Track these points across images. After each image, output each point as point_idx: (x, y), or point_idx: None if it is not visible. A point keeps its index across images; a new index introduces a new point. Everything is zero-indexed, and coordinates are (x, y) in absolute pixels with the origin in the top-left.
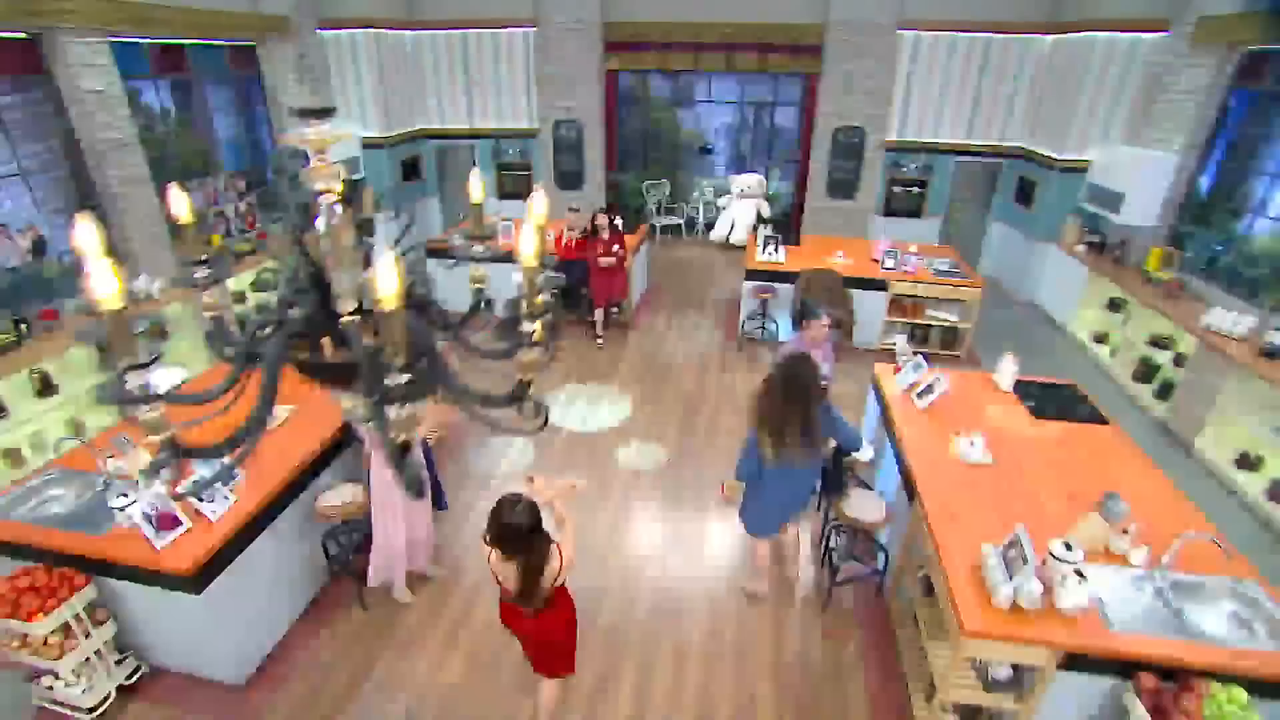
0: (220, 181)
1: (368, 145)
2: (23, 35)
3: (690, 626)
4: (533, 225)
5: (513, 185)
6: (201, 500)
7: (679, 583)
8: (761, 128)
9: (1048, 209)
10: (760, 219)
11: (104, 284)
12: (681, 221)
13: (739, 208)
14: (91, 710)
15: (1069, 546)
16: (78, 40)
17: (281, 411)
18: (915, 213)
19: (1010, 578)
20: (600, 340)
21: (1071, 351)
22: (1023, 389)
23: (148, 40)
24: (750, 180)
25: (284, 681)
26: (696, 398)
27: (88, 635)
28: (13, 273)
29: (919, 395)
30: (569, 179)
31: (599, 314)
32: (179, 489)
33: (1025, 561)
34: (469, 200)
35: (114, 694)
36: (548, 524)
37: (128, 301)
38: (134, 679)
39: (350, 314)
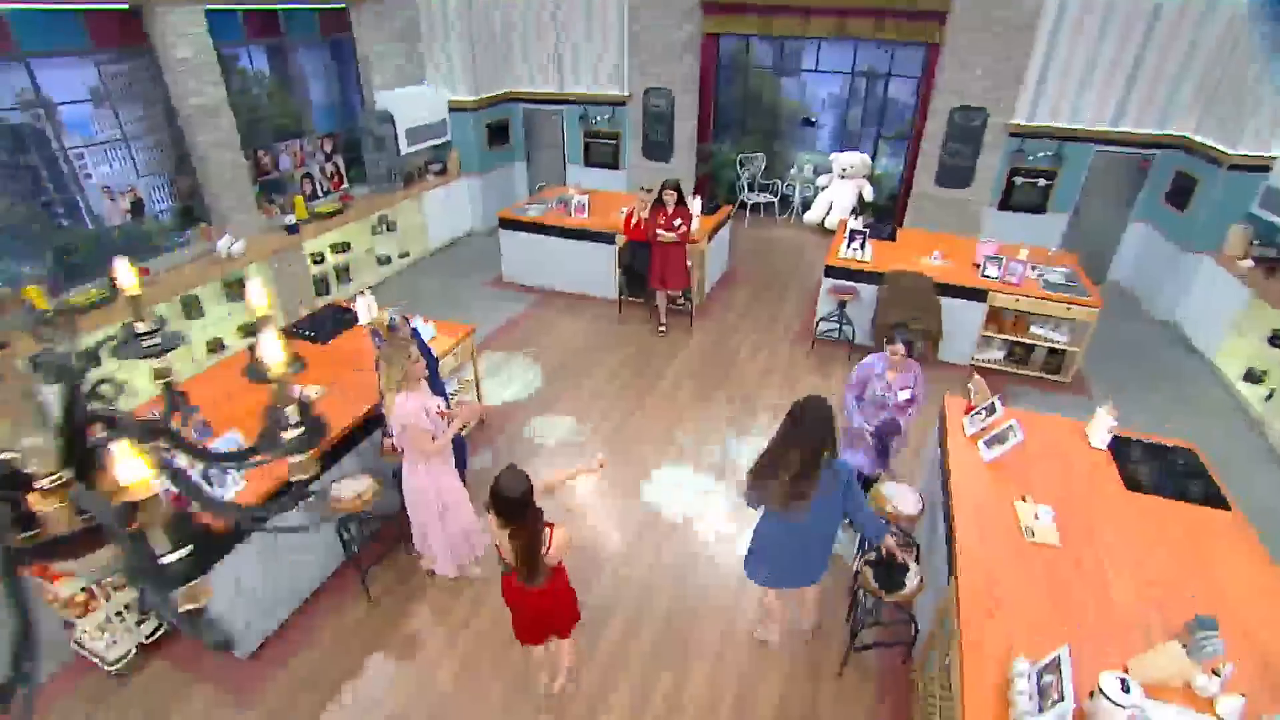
0: (308, 143)
1: (454, 109)
2: (125, 7)
3: (694, 668)
4: (271, 331)
5: (599, 155)
6: (211, 484)
7: (690, 620)
8: (872, 100)
9: (1208, 213)
10: (861, 203)
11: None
12: (775, 199)
13: (839, 189)
14: (114, 663)
15: (1126, 686)
16: (174, 9)
17: (312, 392)
18: (1038, 208)
19: (1040, 710)
20: (663, 328)
21: (1210, 387)
22: (1121, 448)
23: (242, 7)
24: (854, 159)
25: (285, 661)
26: (752, 403)
27: (108, 598)
28: (114, 231)
29: (987, 444)
30: (657, 150)
31: (660, 299)
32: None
33: (1061, 698)
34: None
35: (135, 650)
36: (551, 506)
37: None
38: (154, 638)
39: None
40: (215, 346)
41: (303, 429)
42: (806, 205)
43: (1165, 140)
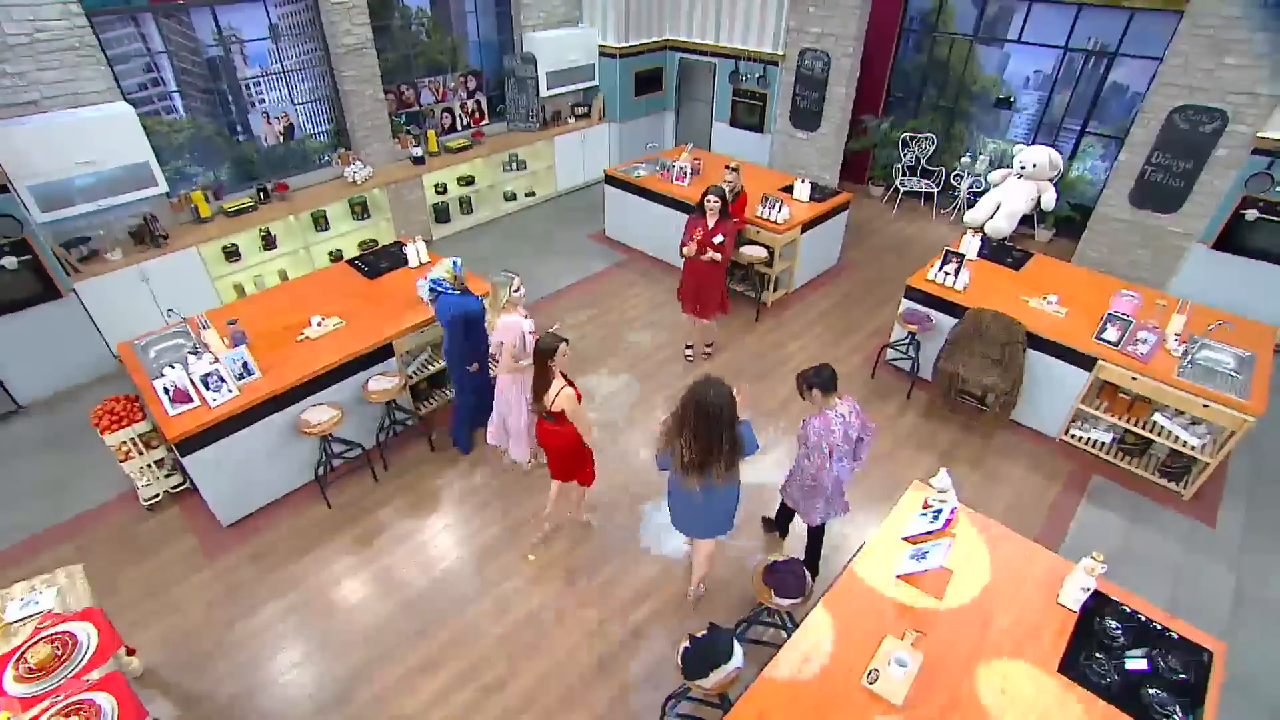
0: (451, 79)
1: (604, 54)
2: None
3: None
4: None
5: (745, 115)
6: (209, 388)
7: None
8: (1089, 83)
9: None
10: (1039, 210)
11: None
12: (935, 190)
13: (1012, 189)
14: (148, 500)
15: None
16: None
17: (330, 324)
18: (1277, 255)
19: None
20: (689, 354)
21: None
22: (1100, 616)
23: None
24: (1038, 156)
25: (250, 537)
26: (765, 423)
27: (141, 453)
28: (273, 150)
29: (911, 554)
30: (805, 118)
31: (696, 335)
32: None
33: None
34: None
35: (163, 495)
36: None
37: None
38: (178, 490)
39: None
40: (335, 256)
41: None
42: (974, 201)
43: None
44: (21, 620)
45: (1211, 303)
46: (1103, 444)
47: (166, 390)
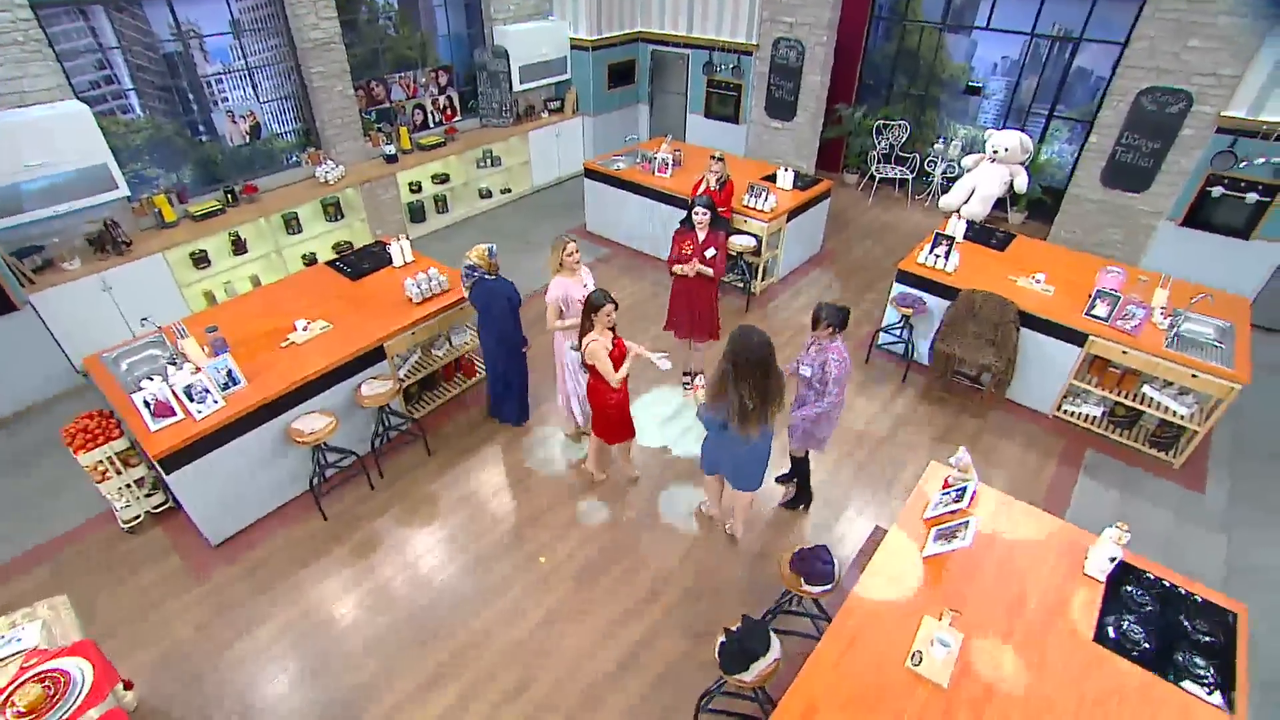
0: (422, 75)
1: (576, 47)
2: None
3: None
4: None
5: (720, 106)
6: (192, 399)
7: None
8: (1055, 68)
9: None
10: (1011, 193)
11: None
12: (910, 176)
13: (985, 173)
14: (127, 522)
15: None
16: None
17: (316, 327)
18: (1241, 231)
19: None
20: (687, 381)
21: None
22: (1126, 584)
23: None
24: (1010, 140)
25: (240, 554)
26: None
27: (119, 472)
28: (238, 150)
29: (936, 536)
30: (780, 108)
31: (695, 359)
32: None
33: None
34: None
35: (144, 516)
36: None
37: None
38: (160, 509)
39: None
40: (310, 260)
41: None
42: (948, 187)
43: None
44: (4, 659)
45: (1181, 278)
46: (1094, 418)
47: (147, 404)
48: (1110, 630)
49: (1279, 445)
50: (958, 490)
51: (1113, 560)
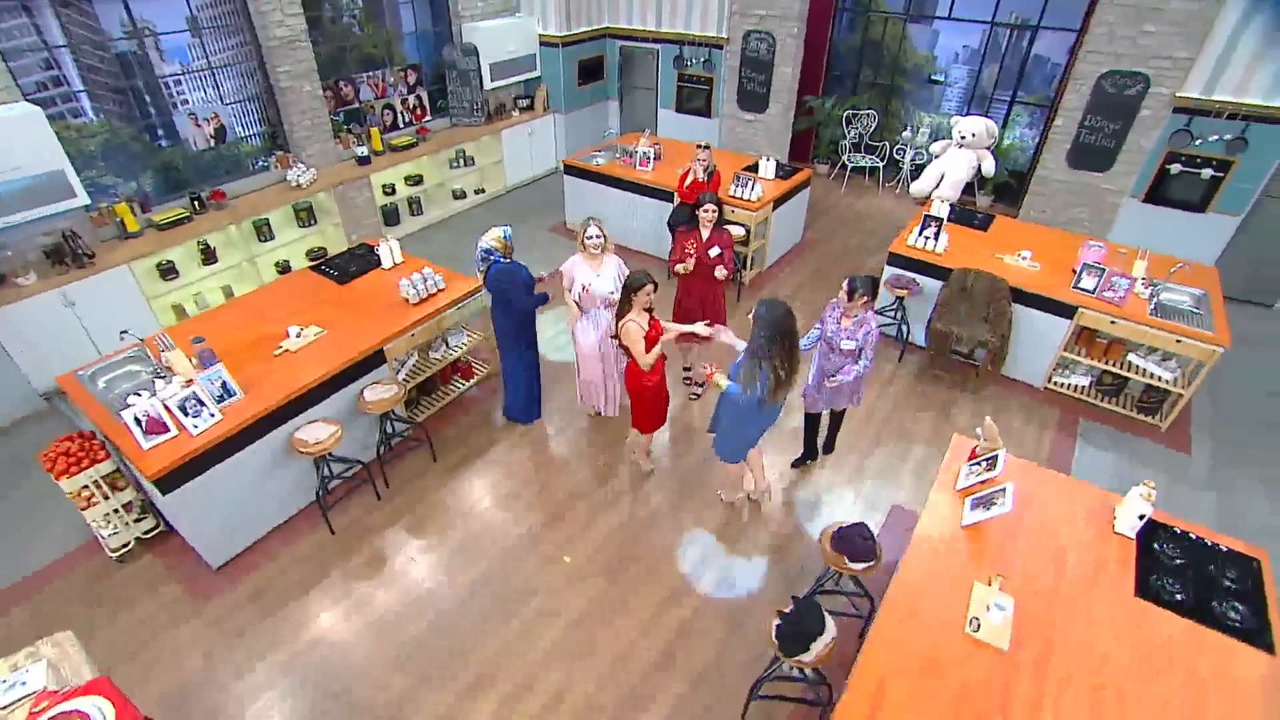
0: (390, 74)
1: (545, 43)
2: None
3: (585, 674)
4: None
5: (692, 100)
6: (187, 414)
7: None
8: (1015, 57)
9: None
10: (979, 177)
11: None
12: (881, 164)
13: (954, 159)
14: (115, 550)
15: None
16: None
17: (310, 333)
18: (1198, 205)
19: None
20: (687, 376)
21: None
22: (1155, 540)
23: None
24: (976, 125)
25: (243, 576)
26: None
27: (106, 497)
28: (203, 154)
29: (974, 504)
30: (752, 100)
31: (695, 367)
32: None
33: None
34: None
35: (134, 543)
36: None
37: None
38: (151, 534)
39: None
40: (283, 268)
41: None
42: (917, 173)
43: None
44: (8, 707)
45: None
46: (1082, 388)
47: (138, 420)
48: (1149, 584)
49: (1252, 407)
50: (988, 459)
51: (1142, 518)
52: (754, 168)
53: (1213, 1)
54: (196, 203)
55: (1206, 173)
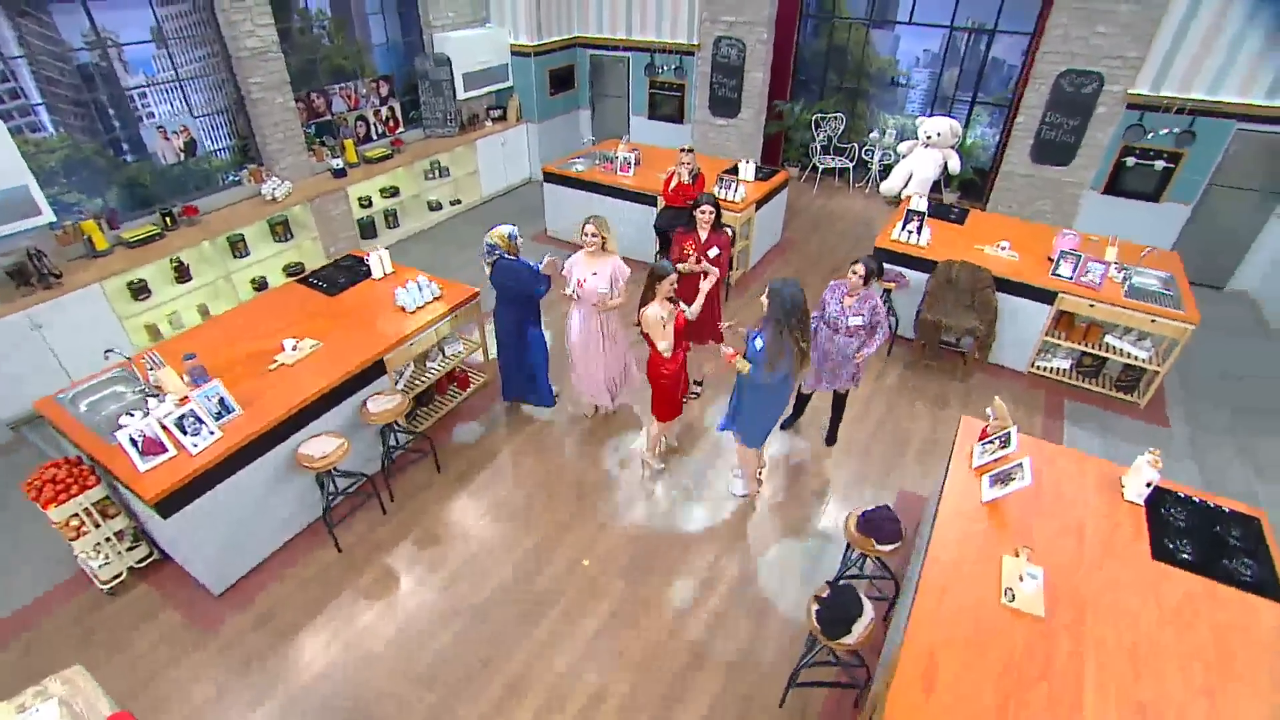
0: (363, 86)
1: (516, 53)
2: None
3: (622, 677)
4: None
5: (664, 106)
6: (185, 432)
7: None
8: (973, 60)
9: None
10: (946, 175)
11: None
12: (850, 165)
13: (921, 158)
14: (106, 582)
15: None
16: None
17: (306, 346)
18: (1152, 195)
19: None
20: (693, 391)
21: None
22: (1163, 505)
23: None
24: (941, 125)
25: (249, 601)
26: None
27: (97, 525)
28: (172, 169)
29: (992, 481)
30: (724, 105)
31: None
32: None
33: None
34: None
35: (126, 573)
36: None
37: None
38: (144, 563)
39: None
40: (260, 285)
41: None
42: (886, 173)
43: None
44: None
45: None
46: (1064, 370)
47: (134, 441)
48: (1164, 546)
49: (1216, 383)
50: (1000, 437)
51: (1149, 485)
52: (734, 170)
53: (1158, 4)
54: (168, 219)
55: (1159, 164)
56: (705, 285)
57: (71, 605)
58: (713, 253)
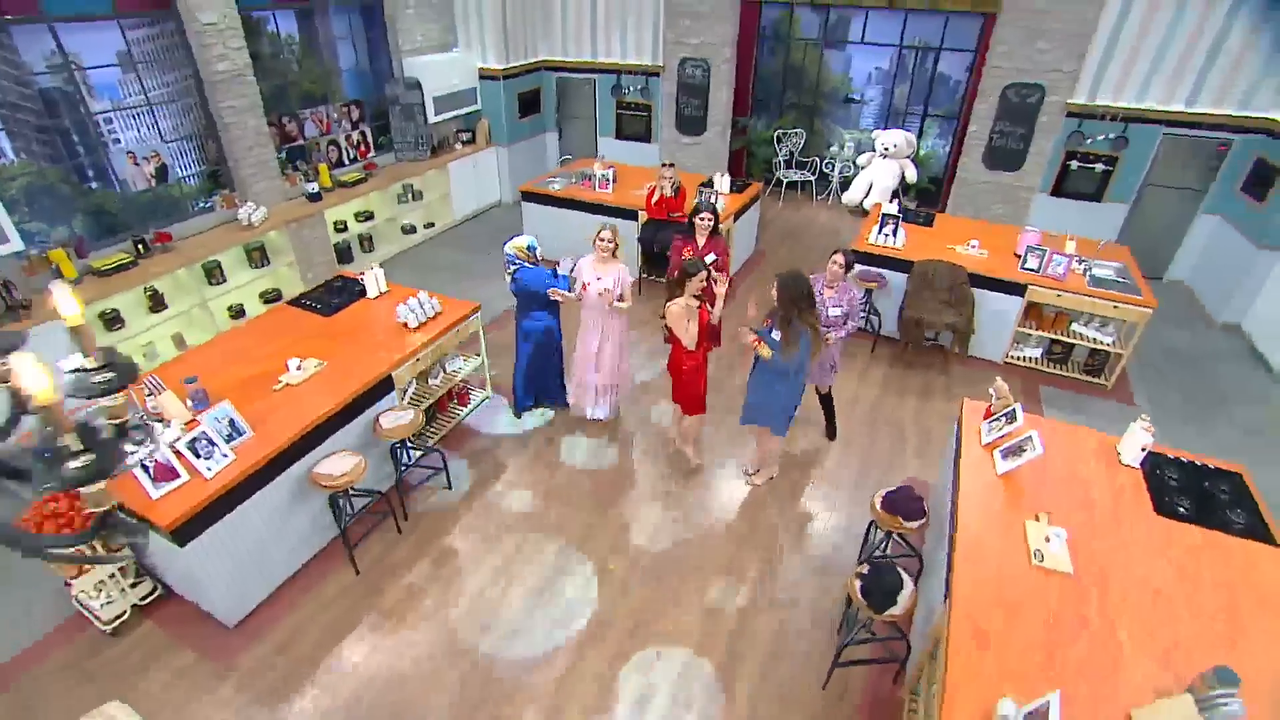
0: (334, 110)
1: (485, 77)
2: None
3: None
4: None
5: (631, 127)
6: (199, 456)
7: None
8: (921, 77)
9: None
10: (903, 184)
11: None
12: (812, 178)
13: (879, 169)
14: (109, 622)
15: None
16: None
17: (310, 365)
18: (1094, 196)
19: None
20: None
21: (1277, 405)
22: (1157, 468)
23: None
24: (896, 138)
25: (266, 630)
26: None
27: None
28: (142, 195)
29: (1003, 454)
30: (690, 124)
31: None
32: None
33: None
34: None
35: (129, 611)
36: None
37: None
38: (149, 600)
39: None
40: (237, 312)
41: (88, 456)
42: (846, 185)
43: (1248, 124)
44: None
45: None
46: (1035, 358)
47: (145, 467)
48: (1164, 503)
49: (1164, 363)
50: (1006, 414)
51: (1144, 449)
52: (710, 183)
53: (1088, 21)
54: (140, 246)
55: (1099, 168)
56: (720, 289)
57: (71, 650)
58: (709, 258)
